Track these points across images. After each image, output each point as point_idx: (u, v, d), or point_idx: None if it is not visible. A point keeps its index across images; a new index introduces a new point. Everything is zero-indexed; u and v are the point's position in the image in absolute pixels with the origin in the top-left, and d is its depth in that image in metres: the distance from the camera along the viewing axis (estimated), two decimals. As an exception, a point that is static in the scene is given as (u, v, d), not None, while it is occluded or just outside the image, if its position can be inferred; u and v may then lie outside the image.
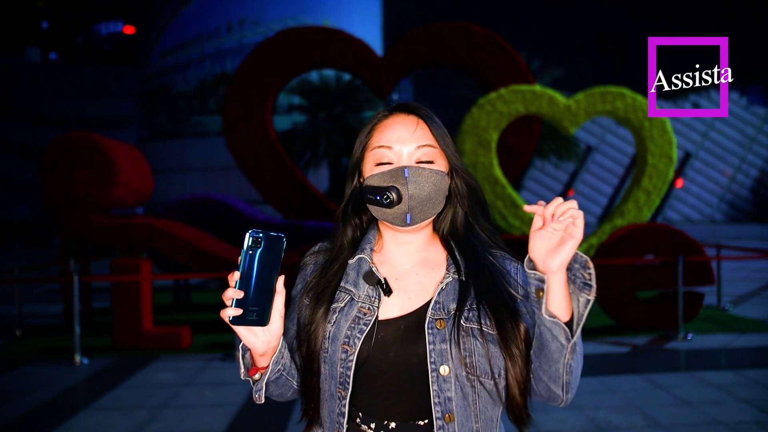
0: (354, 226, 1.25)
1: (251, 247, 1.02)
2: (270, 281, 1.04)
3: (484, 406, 1.11)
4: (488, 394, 1.11)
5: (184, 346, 6.45)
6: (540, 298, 1.04)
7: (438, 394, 1.09)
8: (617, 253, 6.94)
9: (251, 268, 1.02)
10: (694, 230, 20.58)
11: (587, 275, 1.03)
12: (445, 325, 1.11)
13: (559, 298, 1.03)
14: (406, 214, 1.13)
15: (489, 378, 1.10)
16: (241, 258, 1.02)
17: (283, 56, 9.97)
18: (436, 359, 1.09)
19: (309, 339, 1.16)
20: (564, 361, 1.06)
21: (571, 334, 1.04)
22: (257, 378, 1.13)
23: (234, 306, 1.02)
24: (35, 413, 4.59)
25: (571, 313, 1.05)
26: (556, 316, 1.03)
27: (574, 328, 1.04)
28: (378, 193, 1.14)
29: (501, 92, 9.76)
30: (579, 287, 1.04)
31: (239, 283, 1.02)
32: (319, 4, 30.80)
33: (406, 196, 1.12)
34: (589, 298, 1.03)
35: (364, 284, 1.17)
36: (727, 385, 4.85)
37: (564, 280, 1.03)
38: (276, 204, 10.18)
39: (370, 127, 1.22)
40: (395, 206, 1.13)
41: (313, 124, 22.99)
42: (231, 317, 1.02)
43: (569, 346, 1.04)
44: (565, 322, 1.04)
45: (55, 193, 7.04)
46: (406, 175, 1.13)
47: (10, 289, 8.55)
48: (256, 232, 1.02)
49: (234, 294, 1.01)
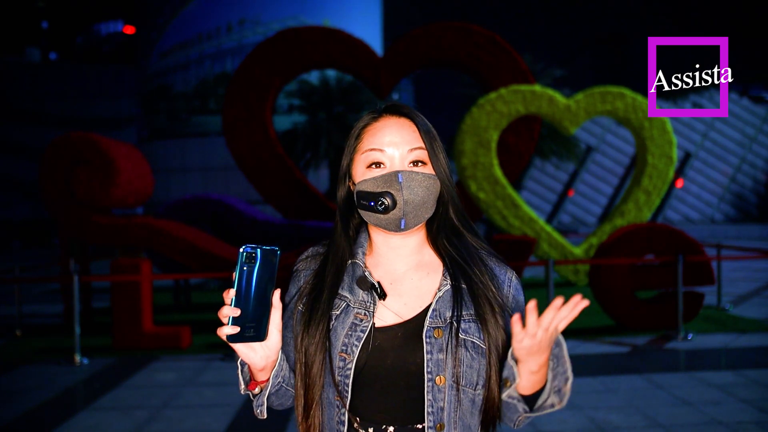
0: (346, 230, 1.23)
1: (245, 263, 1.00)
2: (266, 296, 1.03)
3: (464, 414, 1.12)
4: (469, 403, 1.12)
5: (184, 346, 6.45)
6: (507, 386, 1.08)
7: (432, 403, 1.09)
8: (617, 253, 6.94)
9: (247, 283, 1.01)
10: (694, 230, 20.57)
11: (565, 390, 1.06)
12: (442, 334, 1.11)
13: (527, 384, 1.07)
14: (400, 220, 1.12)
15: (473, 388, 1.11)
16: (236, 274, 1.00)
17: (283, 56, 9.96)
18: (432, 369, 1.09)
19: (305, 347, 1.14)
20: (518, 419, 1.12)
21: (529, 408, 1.08)
22: (257, 392, 1.12)
23: (231, 324, 1.00)
24: (35, 413, 4.59)
25: (539, 388, 1.07)
26: (516, 395, 1.08)
27: (534, 408, 1.08)
28: (372, 199, 1.12)
29: (501, 92, 9.75)
30: (554, 388, 1.07)
31: (235, 300, 1.00)
32: (319, 4, 30.77)
33: (401, 201, 1.11)
34: (555, 407, 1.07)
35: (358, 290, 1.16)
36: (727, 385, 4.84)
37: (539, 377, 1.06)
38: (276, 204, 10.18)
39: (359, 130, 1.19)
40: (390, 212, 1.11)
41: (313, 124, 22.97)
42: (228, 335, 1.01)
43: (524, 416, 1.10)
44: (529, 394, 1.08)
45: (55, 193, 7.04)
46: (401, 181, 1.11)
47: (10, 289, 8.55)
48: (250, 248, 1.00)
49: (230, 312, 1.00)
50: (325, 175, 24.62)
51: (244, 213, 9.45)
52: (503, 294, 1.18)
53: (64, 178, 7.02)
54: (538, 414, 1.09)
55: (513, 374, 1.06)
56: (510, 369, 1.06)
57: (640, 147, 10.52)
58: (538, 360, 1.03)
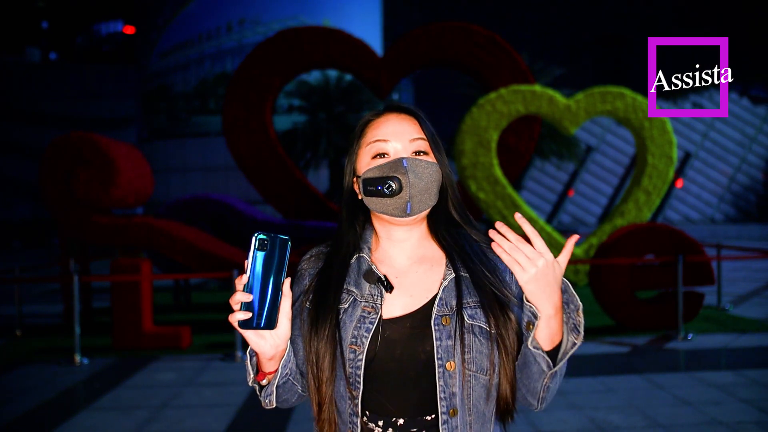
0: (352, 227, 1.26)
1: (258, 250, 1.01)
2: (277, 284, 1.03)
3: (477, 401, 1.14)
4: (481, 389, 1.13)
5: (184, 346, 6.45)
6: (529, 330, 1.09)
7: (444, 389, 1.11)
8: (617, 253, 6.94)
9: (259, 270, 1.01)
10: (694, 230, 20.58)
11: (578, 321, 1.09)
12: (450, 321, 1.13)
13: (547, 332, 1.08)
14: (407, 203, 1.15)
15: (485, 374, 1.13)
16: (249, 261, 1.01)
17: (283, 56, 9.96)
18: (442, 355, 1.11)
19: (315, 343, 1.16)
20: (543, 383, 1.12)
21: (553, 364, 1.09)
22: (265, 383, 1.13)
23: (242, 310, 1.01)
24: (35, 413, 4.59)
25: (558, 342, 1.10)
26: (540, 346, 1.09)
27: (557, 359, 1.09)
28: (379, 183, 1.15)
29: (501, 92, 9.75)
30: (570, 328, 1.09)
31: (247, 286, 1.01)
32: (319, 4, 30.78)
33: (407, 185, 1.14)
34: (576, 342, 1.09)
35: (365, 284, 1.19)
36: (727, 385, 4.84)
37: (557, 322, 1.08)
38: (276, 204, 10.17)
39: (362, 127, 1.24)
40: (396, 195, 1.14)
41: (313, 124, 22.98)
42: (240, 321, 1.01)
43: (549, 374, 1.10)
44: (550, 350, 1.09)
45: (55, 193, 7.04)
46: (405, 165, 1.15)
47: (10, 289, 8.55)
48: (263, 235, 1.01)
49: (242, 297, 1.01)
50: (325, 175, 24.63)
51: (244, 213, 9.45)
52: (506, 282, 1.20)
53: (64, 178, 7.02)
54: (561, 366, 1.10)
55: (533, 311, 1.07)
56: (528, 308, 1.08)
57: (640, 147, 10.52)
58: (551, 297, 1.05)
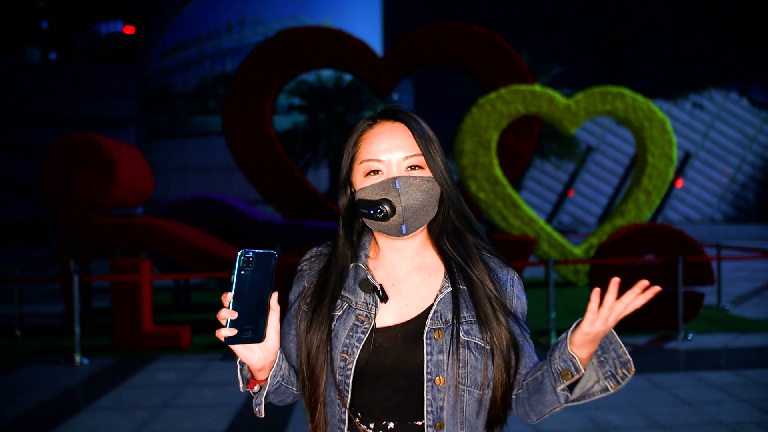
0: (349, 236, 1.25)
1: (243, 267, 1.02)
2: (264, 298, 1.04)
3: (470, 414, 1.13)
4: (475, 403, 1.13)
5: (184, 346, 6.45)
6: (566, 379, 1.05)
7: (431, 402, 1.11)
8: (617, 253, 6.93)
9: (244, 287, 1.02)
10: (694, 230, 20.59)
11: (621, 373, 1.04)
12: (443, 335, 1.12)
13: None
14: (401, 225, 1.13)
15: (478, 389, 1.13)
16: (234, 278, 1.02)
17: (283, 56, 9.96)
18: (432, 369, 1.11)
19: (308, 346, 1.16)
20: (552, 410, 1.11)
21: (569, 397, 1.07)
22: (256, 391, 1.14)
23: (228, 326, 1.02)
24: (35, 413, 4.59)
25: (579, 376, 1.06)
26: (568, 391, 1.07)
27: (575, 394, 1.07)
28: (371, 207, 1.13)
29: (501, 92, 9.76)
30: (605, 374, 1.05)
31: (233, 303, 1.02)
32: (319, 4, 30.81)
33: (399, 207, 1.12)
34: (610, 390, 1.05)
35: (361, 291, 1.18)
36: (727, 385, 4.84)
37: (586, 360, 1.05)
38: (276, 204, 10.18)
39: (356, 138, 1.21)
40: (390, 219, 1.13)
41: (313, 124, 22.98)
42: (226, 337, 1.02)
43: (564, 406, 1.09)
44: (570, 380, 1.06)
45: (54, 193, 7.04)
46: (398, 187, 1.12)
47: (10, 289, 8.55)
48: (247, 252, 1.02)
49: (228, 315, 1.02)
50: (325, 175, 24.64)
51: (245, 213, 9.45)
52: (505, 294, 1.19)
53: (64, 177, 7.02)
54: (583, 402, 1.08)
55: (576, 365, 1.04)
56: (569, 360, 1.04)
57: (640, 147, 10.52)
58: (590, 348, 1.03)
